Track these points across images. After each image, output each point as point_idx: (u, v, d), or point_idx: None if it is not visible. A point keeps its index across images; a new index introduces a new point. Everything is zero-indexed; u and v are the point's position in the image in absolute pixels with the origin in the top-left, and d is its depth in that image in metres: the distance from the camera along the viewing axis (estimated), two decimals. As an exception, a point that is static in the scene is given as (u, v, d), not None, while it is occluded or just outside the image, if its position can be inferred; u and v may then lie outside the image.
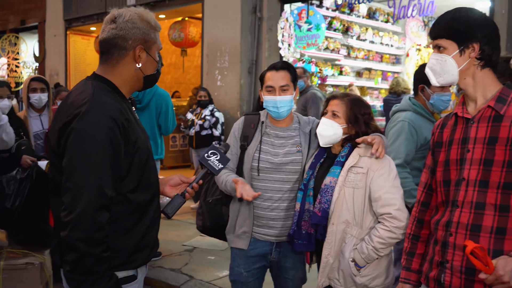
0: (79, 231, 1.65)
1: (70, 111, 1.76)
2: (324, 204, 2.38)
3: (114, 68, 1.88)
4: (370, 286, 2.39)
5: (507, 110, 1.81)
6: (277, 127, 2.73)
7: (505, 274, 1.61)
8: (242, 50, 7.41)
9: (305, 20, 7.40)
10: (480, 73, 1.87)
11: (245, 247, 2.73)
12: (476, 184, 1.82)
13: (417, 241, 2.12)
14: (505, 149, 1.77)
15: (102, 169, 1.69)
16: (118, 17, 1.85)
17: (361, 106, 2.50)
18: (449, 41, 1.87)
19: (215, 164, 2.14)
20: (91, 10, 10.02)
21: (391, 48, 9.93)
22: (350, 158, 2.40)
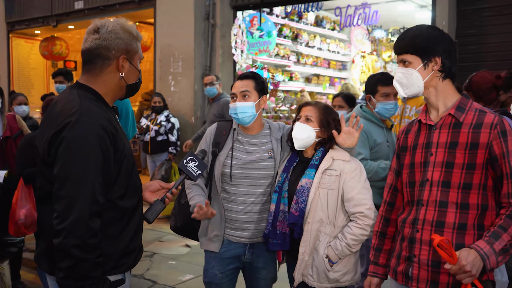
0: (73, 238, 1.69)
1: (59, 121, 1.79)
2: (301, 204, 2.52)
3: (97, 78, 1.94)
4: (341, 281, 2.56)
5: (465, 118, 2.01)
6: (248, 134, 2.83)
7: (467, 264, 1.82)
8: (195, 56, 7.47)
9: (257, 27, 7.57)
10: (442, 84, 2.08)
11: (216, 250, 2.81)
12: (439, 184, 2.01)
13: (384, 237, 2.31)
14: (464, 153, 1.97)
15: (94, 176, 1.74)
16: (101, 28, 1.91)
17: (331, 112, 2.69)
18: (414, 56, 2.06)
19: (193, 170, 2.25)
20: (36, 13, 9.75)
21: (337, 55, 10.29)
22: (324, 161, 2.56)
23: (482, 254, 1.84)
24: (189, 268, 4.99)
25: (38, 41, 10.72)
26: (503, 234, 1.88)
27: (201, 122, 7.51)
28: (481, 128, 1.97)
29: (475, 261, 1.83)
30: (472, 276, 1.84)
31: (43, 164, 1.86)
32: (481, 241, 1.89)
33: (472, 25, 6.01)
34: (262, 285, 2.91)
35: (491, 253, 1.85)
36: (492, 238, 1.88)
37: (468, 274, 1.84)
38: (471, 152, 1.96)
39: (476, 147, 1.96)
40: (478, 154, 1.95)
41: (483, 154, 1.95)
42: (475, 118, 2.01)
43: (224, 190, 2.78)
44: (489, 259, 1.84)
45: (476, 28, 5.97)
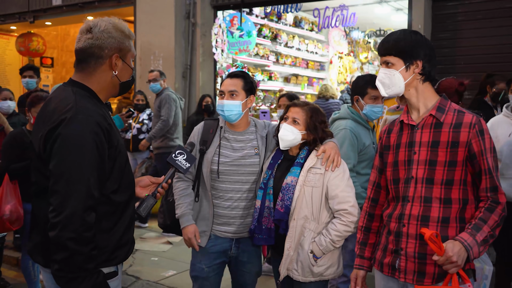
0: (69, 231, 1.74)
1: (54, 117, 1.83)
2: (287, 201, 2.62)
3: (91, 76, 1.97)
4: (325, 275, 2.67)
5: (445, 118, 2.14)
6: (235, 132, 2.91)
7: (453, 255, 1.96)
8: (176, 54, 7.51)
9: (237, 27, 7.66)
10: (422, 86, 2.20)
11: (203, 244, 2.89)
12: (423, 181, 2.14)
13: (368, 232, 2.43)
14: (446, 151, 2.10)
15: (89, 171, 1.79)
16: (93, 27, 1.94)
17: (319, 114, 2.75)
18: (397, 58, 2.18)
19: (182, 163, 2.30)
20: (13, 8, 9.62)
21: (315, 56, 10.45)
22: (309, 160, 2.66)
23: (466, 246, 1.98)
24: (172, 264, 5.06)
25: (14, 37, 10.60)
26: (484, 226, 2.03)
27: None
28: (461, 127, 2.09)
29: (460, 252, 1.97)
30: (458, 266, 1.98)
31: (38, 160, 1.89)
32: (464, 233, 2.03)
33: (446, 29, 6.22)
34: (247, 278, 3.00)
35: (474, 244, 1.99)
36: (474, 230, 2.02)
37: (454, 264, 1.98)
38: (452, 150, 2.09)
39: (457, 146, 2.08)
40: (458, 152, 2.08)
41: (463, 151, 2.08)
42: (455, 118, 2.13)
43: (212, 187, 2.86)
44: (472, 250, 1.99)
45: (450, 31, 6.18)
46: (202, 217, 2.90)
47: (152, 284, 4.56)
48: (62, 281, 1.80)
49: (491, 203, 2.07)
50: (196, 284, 2.96)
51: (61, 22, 10.40)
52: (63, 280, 1.80)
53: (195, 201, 2.92)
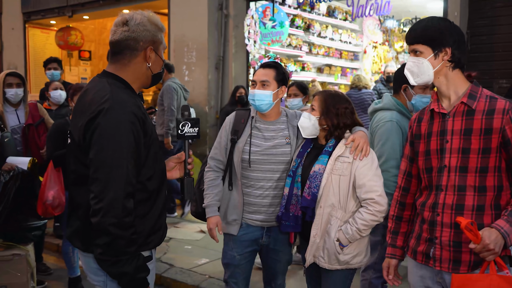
0: (110, 216, 1.82)
1: (92, 108, 1.91)
2: (314, 189, 2.64)
3: (126, 67, 2.04)
4: (351, 263, 2.68)
5: (477, 105, 2.11)
6: (266, 121, 2.95)
7: (490, 243, 1.95)
8: (209, 46, 7.58)
9: (270, 18, 7.65)
10: (452, 73, 2.17)
11: (235, 233, 2.95)
12: (457, 170, 2.13)
13: (400, 221, 2.43)
14: (479, 139, 2.08)
15: (128, 159, 1.87)
16: (130, 20, 2.01)
17: (336, 100, 2.73)
18: (425, 46, 2.16)
19: (191, 132, 2.29)
20: (52, 3, 9.89)
21: (349, 45, 10.34)
22: (337, 148, 2.67)
23: (503, 232, 1.97)
24: (204, 252, 5.15)
25: (54, 31, 10.89)
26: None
27: (214, 111, 7.64)
28: (494, 114, 2.07)
29: (497, 239, 1.96)
30: (495, 254, 1.97)
31: (77, 149, 1.97)
32: (500, 220, 2.02)
33: (484, 16, 6.04)
34: (278, 266, 3.05)
35: (511, 231, 1.98)
36: (511, 217, 2.01)
37: (492, 252, 1.97)
38: (486, 137, 2.07)
39: (490, 132, 2.06)
40: (492, 138, 2.06)
41: (497, 138, 2.05)
42: (487, 104, 2.10)
43: (244, 176, 2.91)
44: (509, 237, 1.98)
45: (487, 18, 6.00)
46: (233, 206, 2.96)
47: (185, 271, 4.67)
48: (106, 264, 1.90)
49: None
50: (228, 271, 3.03)
51: (98, 16, 10.63)
52: (107, 263, 1.89)
53: (228, 189, 2.98)
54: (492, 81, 5.96)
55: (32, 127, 4.50)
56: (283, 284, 3.14)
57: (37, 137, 4.50)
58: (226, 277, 3.05)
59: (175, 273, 4.63)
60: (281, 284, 3.12)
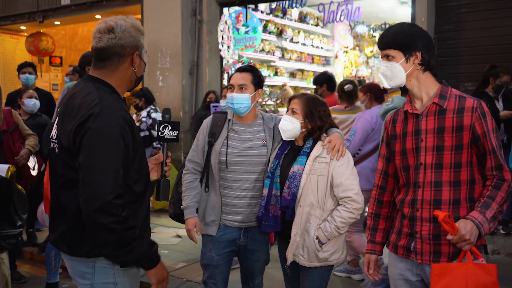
0: (109, 216, 1.85)
1: (82, 112, 1.93)
2: (293, 189, 2.72)
3: (113, 73, 2.09)
4: (330, 260, 2.77)
5: (448, 104, 2.24)
6: (243, 124, 3.02)
7: (466, 233, 2.09)
8: (183, 51, 7.62)
9: (243, 23, 7.74)
10: (422, 75, 2.30)
11: (214, 233, 2.99)
12: (432, 167, 2.24)
13: (378, 218, 2.53)
14: (452, 136, 2.21)
15: (117, 163, 1.90)
16: (115, 27, 2.04)
17: (316, 103, 2.85)
18: (396, 51, 2.27)
19: (170, 134, 2.32)
20: (22, 8, 9.75)
21: (321, 50, 10.51)
22: (315, 149, 2.76)
23: (477, 223, 2.11)
24: (182, 256, 5.18)
25: (24, 36, 10.74)
26: (492, 203, 2.15)
27: (189, 116, 7.67)
28: (464, 112, 2.19)
29: (472, 230, 2.10)
30: (470, 243, 2.11)
31: (66, 153, 1.99)
32: (474, 211, 2.16)
33: (450, 21, 6.27)
34: (255, 266, 3.10)
35: (484, 221, 2.12)
36: (484, 208, 2.15)
37: (467, 242, 2.11)
38: (458, 134, 2.19)
39: (461, 130, 2.19)
40: (463, 135, 2.19)
41: (467, 135, 2.19)
42: (457, 103, 2.23)
43: (221, 178, 2.96)
44: (483, 227, 2.11)
45: (453, 24, 6.23)
46: (211, 207, 3.01)
47: (163, 275, 4.68)
48: (122, 256, 1.96)
49: (497, 181, 2.18)
50: (206, 272, 3.07)
51: (70, 21, 10.54)
52: (122, 256, 1.95)
53: (205, 191, 3.03)
54: (458, 84, 6.18)
55: (6, 133, 4.44)
56: (261, 283, 3.20)
57: (12, 143, 4.46)
58: (205, 278, 3.09)
59: (153, 277, 4.64)
60: (259, 283, 3.18)
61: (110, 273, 2.06)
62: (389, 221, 2.52)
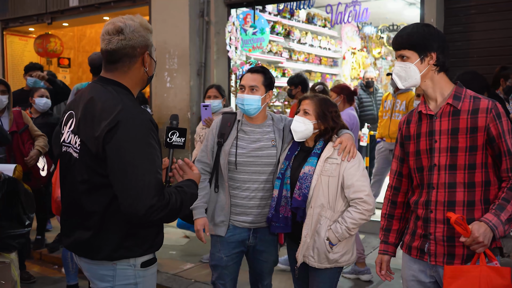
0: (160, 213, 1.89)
1: (106, 117, 1.93)
2: (304, 190, 2.72)
3: (126, 74, 2.09)
4: (340, 261, 2.77)
5: (462, 105, 2.23)
6: (253, 124, 3.03)
7: (479, 236, 2.08)
8: (191, 53, 7.63)
9: (250, 25, 7.74)
10: (437, 76, 2.29)
11: (223, 234, 3.00)
12: (446, 168, 2.24)
13: (392, 219, 2.53)
14: (466, 137, 2.20)
15: (157, 164, 1.94)
16: (124, 28, 2.03)
17: (329, 104, 2.86)
18: (411, 51, 2.27)
19: (178, 141, 2.32)
20: (31, 10, 9.80)
21: (328, 52, 10.47)
22: (326, 150, 2.76)
23: (491, 226, 2.09)
24: (189, 257, 5.19)
25: (32, 38, 10.78)
26: (507, 206, 2.13)
27: (196, 118, 7.67)
28: (478, 113, 2.18)
29: (486, 232, 2.09)
30: (484, 246, 2.10)
31: (94, 158, 1.97)
32: (489, 214, 2.14)
33: (459, 22, 6.23)
34: (264, 267, 3.10)
35: (499, 224, 2.10)
36: (498, 210, 2.13)
37: (481, 245, 2.09)
38: (472, 135, 2.19)
39: (476, 131, 2.18)
40: (478, 136, 2.18)
41: (482, 136, 2.17)
42: (471, 104, 2.22)
43: (231, 178, 2.97)
44: (498, 229, 2.10)
45: (462, 25, 6.19)
46: (220, 208, 3.01)
47: (171, 276, 4.69)
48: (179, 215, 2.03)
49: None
50: (215, 273, 3.07)
51: (78, 23, 10.58)
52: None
53: (215, 191, 3.03)
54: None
55: (16, 134, 4.48)
56: (269, 284, 3.20)
57: (21, 144, 4.50)
58: (213, 278, 3.10)
59: (160, 278, 4.65)
60: (268, 284, 3.18)
61: (131, 274, 2.06)
62: (402, 222, 2.51)
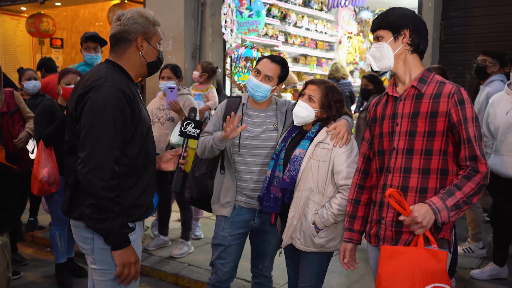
0: (97, 179, 2.02)
1: (87, 84, 2.14)
2: (293, 172, 2.70)
3: (122, 56, 2.28)
4: (326, 247, 2.75)
5: (427, 89, 2.18)
6: (256, 109, 3.03)
7: (418, 216, 2.03)
8: (185, 35, 7.53)
9: (246, 7, 7.63)
10: (410, 57, 2.25)
11: (228, 214, 3.01)
12: (403, 152, 2.19)
13: (358, 204, 2.48)
14: (425, 121, 2.14)
15: (113, 130, 2.07)
16: (121, 16, 2.27)
17: (335, 93, 2.80)
18: (386, 30, 2.24)
19: (193, 132, 2.52)
20: (23, -11, 9.65)
21: (325, 36, 10.38)
22: (319, 134, 2.73)
23: (434, 208, 2.04)
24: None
25: (24, 18, 10.63)
26: (457, 192, 2.06)
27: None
28: (440, 97, 2.13)
29: (427, 214, 2.03)
30: (423, 227, 2.05)
31: (71, 119, 2.20)
32: (435, 197, 2.08)
33: (457, 8, 6.18)
34: (267, 247, 3.10)
35: (443, 208, 2.04)
36: (446, 195, 2.06)
37: (420, 225, 2.05)
38: (431, 120, 2.12)
39: (436, 116, 2.12)
40: (437, 122, 2.11)
41: (443, 122, 2.11)
42: (435, 88, 2.16)
43: (235, 160, 2.98)
44: (441, 214, 2.04)
45: (461, 10, 6.15)
46: (226, 189, 3.03)
47: (164, 259, 4.68)
48: (95, 223, 2.08)
49: (470, 171, 2.08)
50: (216, 252, 3.08)
51: (71, 2, 10.44)
52: (95, 222, 2.08)
53: (220, 173, 3.05)
54: (464, 72, 6.12)
55: (6, 115, 4.37)
56: (270, 266, 3.20)
57: (11, 125, 4.39)
58: (213, 258, 3.10)
59: (153, 261, 4.64)
60: (268, 266, 3.18)
61: None
62: (368, 209, 2.45)
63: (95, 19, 12.43)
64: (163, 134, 4.53)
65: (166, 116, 4.58)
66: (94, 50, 5.03)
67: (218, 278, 3.06)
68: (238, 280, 4.05)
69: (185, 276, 4.35)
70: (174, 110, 4.37)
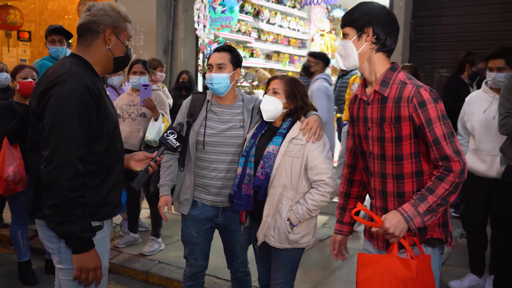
0: (60, 178, 1.94)
1: (50, 79, 2.04)
2: (267, 169, 2.69)
3: (88, 49, 2.18)
4: (300, 243, 2.76)
5: (390, 92, 2.09)
6: (222, 105, 2.99)
7: (390, 227, 2.04)
8: (158, 29, 7.44)
9: (219, 2, 7.58)
10: (375, 56, 2.14)
11: (186, 212, 3.01)
12: (378, 157, 2.17)
13: (348, 197, 2.50)
14: (390, 127, 2.09)
15: (77, 127, 1.99)
16: (92, 6, 2.18)
17: (297, 83, 2.82)
18: (350, 28, 2.16)
19: (172, 142, 2.48)
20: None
21: (297, 33, 10.40)
22: (291, 130, 2.72)
23: (406, 217, 2.02)
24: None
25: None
26: (429, 196, 2.02)
27: (162, 96, 7.51)
28: (401, 102, 2.04)
29: (398, 224, 2.03)
30: (396, 237, 2.05)
31: (33, 116, 2.09)
32: (407, 204, 2.05)
33: (427, 7, 6.28)
34: (236, 245, 3.09)
35: (415, 215, 2.02)
36: (418, 201, 2.03)
37: (392, 236, 2.06)
38: (396, 125, 2.06)
39: (399, 121, 2.05)
40: (402, 127, 2.05)
41: (408, 125, 2.05)
42: (397, 91, 2.07)
43: (199, 158, 2.95)
44: (413, 221, 2.02)
45: (430, 9, 6.24)
46: (185, 187, 3.02)
47: (134, 257, 4.61)
48: (55, 225, 2.01)
49: (443, 172, 2.02)
50: (187, 248, 3.12)
51: (39, -5, 10.16)
52: (56, 224, 2.00)
53: (180, 170, 3.04)
54: (433, 70, 6.22)
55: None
56: (244, 262, 3.19)
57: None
58: (185, 253, 3.15)
59: (123, 259, 4.57)
60: (243, 262, 3.18)
61: None
62: (359, 201, 2.46)
63: (65, 12, 12.15)
64: (135, 130, 4.47)
65: (138, 112, 4.52)
66: (59, 43, 4.91)
67: (193, 270, 3.13)
68: (209, 277, 4.03)
69: (156, 273, 4.30)
70: (148, 108, 4.31)
